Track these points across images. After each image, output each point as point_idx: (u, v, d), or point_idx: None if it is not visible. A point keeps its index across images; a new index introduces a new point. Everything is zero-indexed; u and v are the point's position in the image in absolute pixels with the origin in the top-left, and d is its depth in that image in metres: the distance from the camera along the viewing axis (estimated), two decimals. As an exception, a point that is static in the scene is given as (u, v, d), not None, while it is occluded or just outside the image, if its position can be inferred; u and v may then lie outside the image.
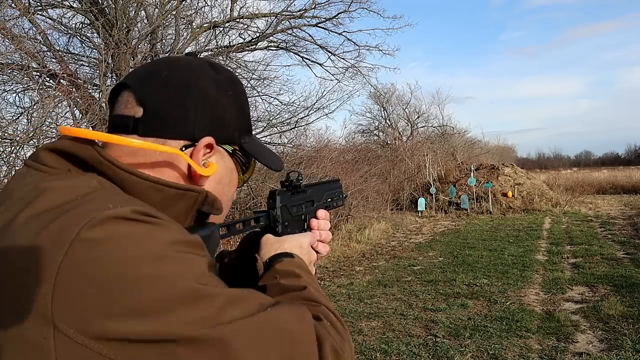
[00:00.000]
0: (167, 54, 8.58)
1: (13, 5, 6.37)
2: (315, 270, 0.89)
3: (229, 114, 0.75)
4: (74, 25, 8.17)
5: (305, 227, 0.93)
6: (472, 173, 16.11)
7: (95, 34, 8.05)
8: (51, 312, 0.49)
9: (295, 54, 10.98)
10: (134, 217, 0.55)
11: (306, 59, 11.16)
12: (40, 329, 0.49)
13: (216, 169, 0.73)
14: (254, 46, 10.21)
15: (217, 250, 0.74)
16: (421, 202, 15.21)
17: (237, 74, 9.12)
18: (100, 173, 0.63)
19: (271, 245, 0.82)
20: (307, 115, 10.40)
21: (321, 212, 0.96)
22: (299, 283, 0.72)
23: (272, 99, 10.01)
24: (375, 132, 23.85)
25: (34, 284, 0.50)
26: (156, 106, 0.69)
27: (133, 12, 8.10)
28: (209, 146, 0.72)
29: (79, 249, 0.50)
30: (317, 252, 0.90)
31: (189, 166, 0.71)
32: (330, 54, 11.27)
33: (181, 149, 0.69)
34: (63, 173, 0.63)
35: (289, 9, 10.22)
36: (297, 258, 0.78)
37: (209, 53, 9.30)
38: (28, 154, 5.17)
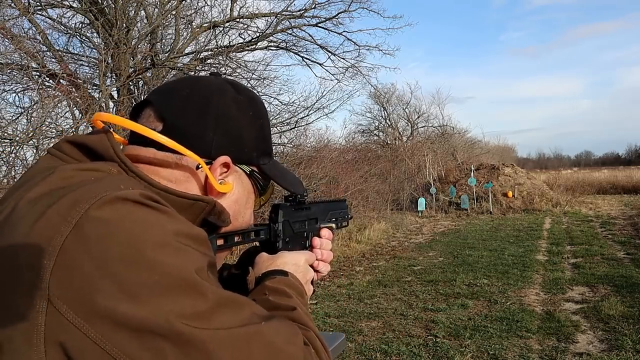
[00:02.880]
0: (166, 54, 8.57)
1: (13, 5, 6.36)
2: (314, 289, 0.86)
3: (248, 134, 0.75)
4: (73, 25, 8.17)
5: (307, 245, 0.91)
6: (472, 173, 16.11)
7: (95, 34, 8.04)
8: (48, 285, 0.49)
9: (295, 53, 10.97)
10: (142, 201, 0.55)
11: (306, 58, 11.15)
12: (35, 302, 0.49)
13: (232, 188, 0.73)
14: (254, 46, 10.19)
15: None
16: (421, 202, 15.21)
17: (237, 74, 9.16)
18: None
19: (265, 260, 0.81)
20: (307, 115, 10.40)
21: (325, 231, 0.95)
22: (289, 303, 0.70)
23: (272, 99, 9.99)
24: (375, 132, 23.87)
25: (37, 255, 0.50)
26: (175, 122, 0.69)
27: (133, 11, 8.10)
28: (226, 165, 0.71)
29: (86, 226, 0.51)
30: (317, 271, 0.88)
31: (205, 182, 0.71)
32: (330, 54, 11.26)
33: (197, 167, 0.69)
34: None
35: (289, 8, 10.21)
36: (290, 277, 0.76)
37: (209, 53, 9.30)
38: (28, 154, 5.18)
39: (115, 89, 7.93)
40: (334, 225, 1.00)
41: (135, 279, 0.50)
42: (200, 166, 0.69)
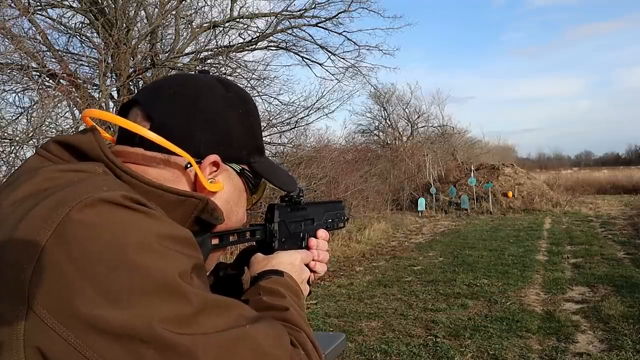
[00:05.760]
0: (166, 54, 8.57)
1: (13, 5, 6.36)
2: (311, 289, 0.86)
3: (238, 132, 0.73)
4: (73, 25, 8.18)
5: (303, 245, 0.90)
6: (472, 173, 16.11)
7: (95, 34, 8.05)
8: (28, 289, 0.48)
9: (295, 53, 10.96)
10: (124, 204, 0.54)
11: (306, 59, 11.14)
12: (15, 307, 0.48)
13: (222, 188, 0.72)
14: (254, 46, 10.19)
15: (206, 258, 0.69)
16: (421, 202, 15.20)
17: (237, 74, 9.15)
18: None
19: (261, 260, 0.80)
20: (307, 115, 10.37)
21: (321, 232, 0.94)
22: (282, 303, 0.70)
23: (272, 99, 9.98)
24: (375, 132, 23.84)
25: (18, 258, 0.49)
26: (162, 121, 0.68)
27: (133, 11, 8.10)
28: (215, 164, 0.70)
29: (66, 229, 0.50)
30: (314, 271, 0.88)
31: (195, 181, 0.69)
32: (330, 54, 11.25)
33: (186, 166, 0.68)
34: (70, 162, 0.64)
35: (289, 8, 10.20)
36: (286, 276, 0.76)
37: (209, 53, 9.30)
38: (28, 154, 5.18)
39: (115, 89, 7.93)
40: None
41: (117, 282, 0.49)
42: (189, 165, 0.67)
